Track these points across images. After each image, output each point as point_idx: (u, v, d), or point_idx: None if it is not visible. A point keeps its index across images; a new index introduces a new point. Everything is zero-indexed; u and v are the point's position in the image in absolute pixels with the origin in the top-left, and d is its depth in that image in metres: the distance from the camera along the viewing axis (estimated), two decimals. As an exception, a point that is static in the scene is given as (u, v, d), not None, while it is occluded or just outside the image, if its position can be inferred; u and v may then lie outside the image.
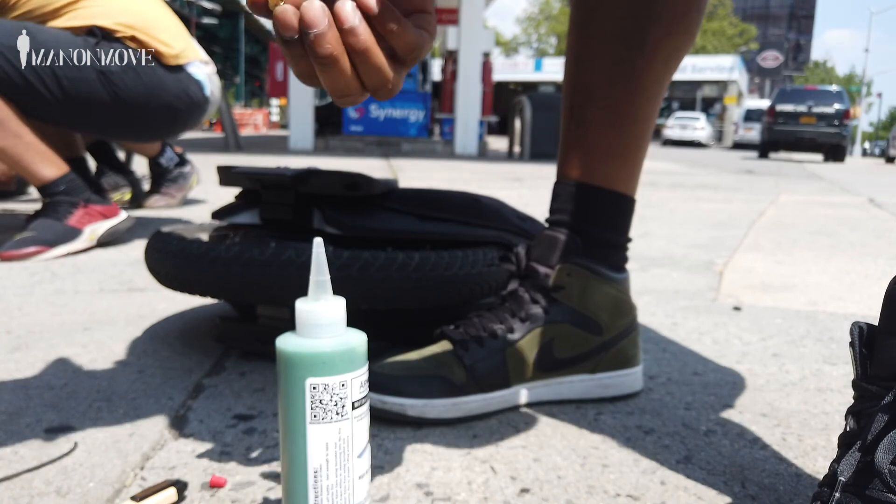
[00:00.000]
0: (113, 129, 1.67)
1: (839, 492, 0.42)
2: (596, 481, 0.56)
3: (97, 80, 1.49)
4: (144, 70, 1.56)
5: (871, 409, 0.44)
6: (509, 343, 0.69)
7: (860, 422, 0.45)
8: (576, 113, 0.73)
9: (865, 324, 0.47)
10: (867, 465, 0.42)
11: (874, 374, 0.45)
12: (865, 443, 0.42)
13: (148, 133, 1.78)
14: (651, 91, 0.71)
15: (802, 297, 1.31)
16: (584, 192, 0.72)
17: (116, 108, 1.54)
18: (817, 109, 11.46)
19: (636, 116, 0.71)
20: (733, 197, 3.53)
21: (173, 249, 0.79)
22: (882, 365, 0.44)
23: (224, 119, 7.21)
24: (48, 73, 1.43)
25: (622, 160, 0.72)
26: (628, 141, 0.72)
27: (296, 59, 0.36)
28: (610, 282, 0.72)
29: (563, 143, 0.75)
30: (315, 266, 0.43)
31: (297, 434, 0.42)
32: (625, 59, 0.69)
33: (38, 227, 1.47)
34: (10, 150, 1.44)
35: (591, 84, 0.72)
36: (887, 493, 0.40)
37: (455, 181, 3.80)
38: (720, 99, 29.85)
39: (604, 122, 0.71)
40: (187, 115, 1.72)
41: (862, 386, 0.45)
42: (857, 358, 0.46)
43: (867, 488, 0.41)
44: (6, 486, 0.53)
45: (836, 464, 0.44)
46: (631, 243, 0.76)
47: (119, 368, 0.80)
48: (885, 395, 0.43)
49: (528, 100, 7.67)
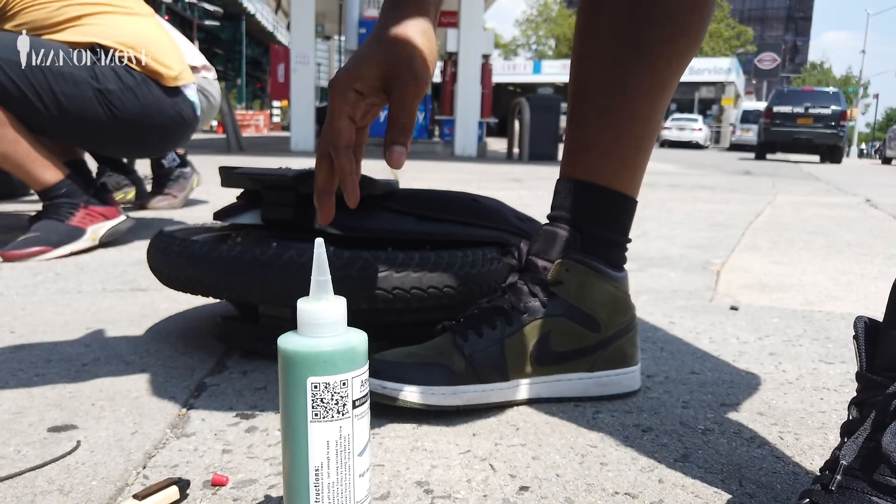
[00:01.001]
0: (106, 145, 1.68)
1: (841, 474, 0.42)
2: (594, 479, 0.57)
3: (95, 98, 1.50)
4: (142, 91, 1.58)
5: (874, 399, 0.45)
6: (507, 334, 0.70)
7: (863, 411, 0.46)
8: (576, 113, 0.74)
9: (869, 318, 0.48)
10: (872, 450, 0.42)
11: (879, 366, 0.46)
12: (868, 429, 0.43)
13: (138, 150, 1.82)
14: (650, 94, 0.72)
15: (799, 296, 1.31)
16: (584, 190, 0.73)
17: (112, 127, 1.55)
18: (814, 111, 11.49)
19: (634, 118, 0.72)
20: (730, 197, 3.54)
21: (175, 249, 0.80)
22: (887, 356, 0.45)
23: (226, 120, 7.22)
24: (46, 90, 1.44)
25: (621, 160, 0.73)
26: (627, 141, 0.73)
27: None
28: (609, 279, 0.72)
29: (566, 142, 0.76)
30: (316, 266, 0.43)
31: (299, 432, 0.43)
32: (622, 61, 0.70)
33: (41, 228, 1.48)
34: (11, 155, 1.45)
35: (590, 85, 0.73)
36: (892, 477, 0.41)
37: (455, 182, 3.81)
38: (717, 100, 29.87)
39: (601, 122, 0.72)
40: (179, 134, 1.75)
41: (867, 377, 0.46)
42: (863, 350, 0.47)
43: (874, 473, 0.42)
44: (9, 484, 0.53)
45: (839, 451, 0.44)
46: (630, 243, 0.76)
47: (122, 367, 0.80)
48: (889, 384, 0.44)
49: (527, 101, 7.68)
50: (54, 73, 1.44)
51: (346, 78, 0.56)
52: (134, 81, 1.56)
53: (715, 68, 29.58)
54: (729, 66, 29.42)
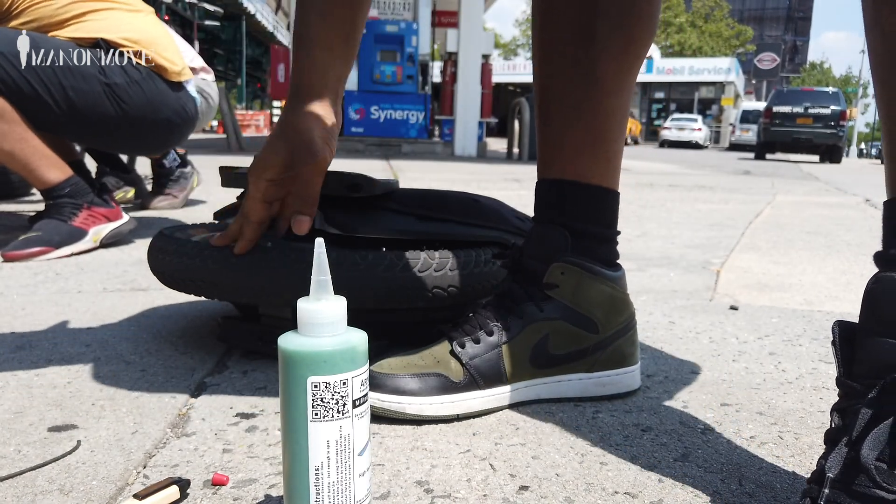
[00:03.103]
0: (113, 140, 1.70)
1: (828, 487, 0.42)
2: (594, 479, 0.57)
3: (103, 92, 1.52)
4: (148, 85, 1.60)
5: (856, 406, 0.44)
6: (505, 340, 0.70)
7: (845, 419, 0.45)
8: (542, 112, 0.75)
9: (846, 322, 0.48)
10: (853, 460, 0.42)
11: (857, 372, 0.45)
12: (851, 439, 0.43)
13: (144, 145, 1.84)
14: (610, 86, 0.72)
15: (799, 296, 1.31)
16: (563, 188, 0.73)
17: (120, 122, 1.57)
18: (814, 111, 11.49)
19: (598, 112, 0.72)
20: (730, 197, 3.54)
21: (175, 250, 0.80)
22: (865, 363, 0.45)
23: (226, 120, 7.22)
24: (56, 84, 1.45)
25: (592, 155, 0.73)
26: (594, 136, 0.73)
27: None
28: (604, 279, 0.72)
29: (538, 143, 0.76)
30: (316, 266, 0.43)
31: (299, 432, 0.43)
32: (579, 56, 0.71)
33: (43, 228, 1.48)
34: (17, 153, 1.46)
35: (552, 85, 0.73)
36: (873, 488, 0.41)
37: (455, 182, 3.81)
38: (717, 100, 29.89)
39: (567, 118, 0.73)
40: (182, 129, 1.77)
41: (846, 383, 0.46)
42: (840, 356, 0.47)
43: (853, 483, 0.42)
44: (10, 484, 0.53)
45: (824, 460, 0.44)
46: (628, 243, 0.76)
47: (122, 367, 0.80)
48: (869, 392, 0.44)
49: (527, 101, 7.68)
50: (62, 68, 1.46)
51: (258, 168, 0.70)
52: (139, 75, 1.58)
53: (714, 68, 29.59)
54: (728, 66, 29.42)
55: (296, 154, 0.69)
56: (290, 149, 0.69)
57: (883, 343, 0.44)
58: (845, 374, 0.46)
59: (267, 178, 0.70)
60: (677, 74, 29.57)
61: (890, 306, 0.44)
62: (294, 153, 0.69)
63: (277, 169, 0.69)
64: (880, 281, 0.46)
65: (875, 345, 0.45)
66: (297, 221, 0.72)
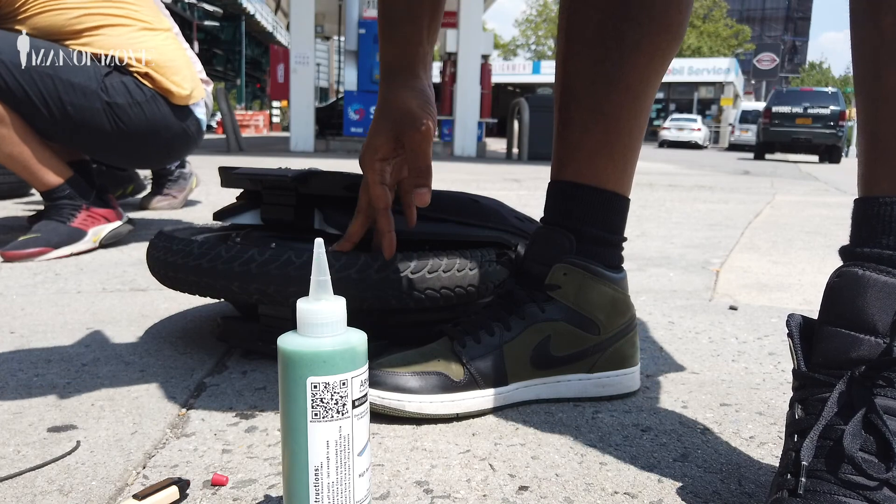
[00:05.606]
0: (107, 155, 1.70)
1: (805, 476, 0.43)
2: (594, 479, 0.57)
3: (103, 110, 1.51)
4: (151, 107, 1.59)
5: (818, 396, 0.46)
6: (506, 340, 0.70)
7: (808, 409, 0.47)
8: (563, 114, 0.74)
9: (802, 316, 0.50)
10: (833, 450, 0.43)
11: (817, 363, 0.47)
12: (820, 428, 0.44)
13: (139, 162, 1.84)
14: (634, 91, 0.72)
15: (798, 296, 1.31)
16: (576, 191, 0.73)
17: (116, 139, 1.57)
18: (813, 111, 11.50)
19: (619, 116, 0.72)
20: (729, 197, 3.54)
21: (175, 250, 0.80)
22: (825, 354, 0.47)
23: (225, 121, 7.22)
24: (54, 97, 1.45)
25: (609, 159, 0.73)
26: (613, 140, 0.73)
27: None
28: (607, 281, 0.72)
29: (554, 144, 0.76)
30: (316, 266, 0.43)
31: (299, 432, 0.43)
32: (604, 60, 0.70)
33: (42, 228, 1.48)
34: (17, 156, 1.47)
35: (574, 85, 0.73)
36: (858, 475, 0.42)
37: (454, 182, 3.81)
38: (716, 100, 29.88)
39: (587, 121, 0.72)
40: (182, 149, 1.77)
41: (806, 374, 0.47)
42: (797, 348, 0.48)
43: (838, 472, 0.43)
44: (9, 484, 0.53)
45: (794, 452, 0.45)
46: (627, 242, 0.76)
47: (121, 367, 0.80)
48: (832, 381, 0.45)
49: (526, 102, 7.68)
50: (64, 83, 1.46)
51: (369, 153, 0.70)
52: (143, 97, 1.57)
53: (714, 68, 29.60)
54: (728, 66, 29.44)
55: (399, 127, 0.69)
56: (392, 127, 0.69)
57: (842, 334, 0.46)
58: (805, 365, 0.48)
59: (379, 157, 0.70)
60: (676, 74, 29.56)
61: (850, 300, 0.47)
62: (397, 127, 0.69)
63: (387, 147, 0.70)
64: (842, 275, 0.48)
65: (835, 336, 0.47)
66: (418, 194, 0.71)
